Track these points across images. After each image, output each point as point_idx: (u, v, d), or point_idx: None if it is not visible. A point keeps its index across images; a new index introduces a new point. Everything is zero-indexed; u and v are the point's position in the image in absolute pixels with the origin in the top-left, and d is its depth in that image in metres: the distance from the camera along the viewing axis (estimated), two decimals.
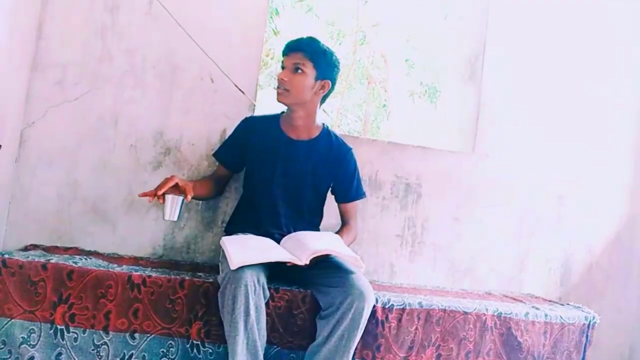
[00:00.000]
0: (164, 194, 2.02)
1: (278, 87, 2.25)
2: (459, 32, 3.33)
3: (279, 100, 2.27)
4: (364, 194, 2.48)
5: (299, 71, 2.22)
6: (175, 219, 2.08)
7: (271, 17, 9.02)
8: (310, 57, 2.22)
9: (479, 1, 3.10)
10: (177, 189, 2.06)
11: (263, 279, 1.93)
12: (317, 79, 2.24)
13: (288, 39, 2.66)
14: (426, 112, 11.36)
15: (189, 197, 2.06)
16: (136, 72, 2.60)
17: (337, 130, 2.48)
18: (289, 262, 1.94)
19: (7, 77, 2.31)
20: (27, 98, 2.51)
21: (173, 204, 2.05)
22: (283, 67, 2.27)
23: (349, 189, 2.40)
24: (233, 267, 1.84)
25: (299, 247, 2.01)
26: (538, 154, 3.01)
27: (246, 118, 2.46)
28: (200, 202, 2.64)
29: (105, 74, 2.57)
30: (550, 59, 3.03)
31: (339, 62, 2.31)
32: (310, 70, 2.22)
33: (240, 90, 2.67)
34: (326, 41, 2.48)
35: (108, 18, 2.58)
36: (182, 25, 2.61)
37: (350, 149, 2.40)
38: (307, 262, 1.93)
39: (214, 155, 2.49)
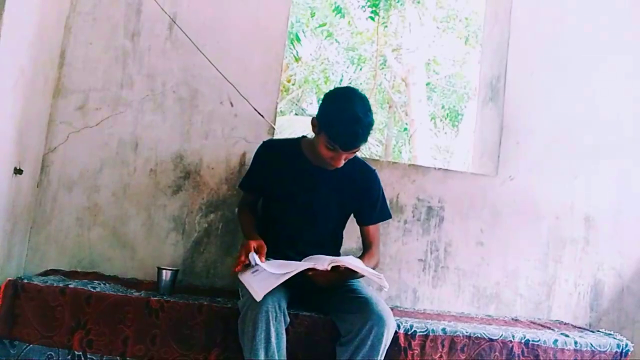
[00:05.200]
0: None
1: (331, 167, 2.13)
2: (479, 54, 3.30)
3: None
4: (390, 215, 2.41)
5: (354, 152, 2.11)
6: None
7: (292, 44, 9.12)
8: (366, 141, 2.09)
9: (500, 22, 3.08)
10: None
11: (284, 305, 1.89)
12: None
13: (309, 65, 2.62)
14: (448, 135, 11.31)
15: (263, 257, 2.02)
16: (156, 97, 2.62)
17: (358, 153, 2.42)
18: (310, 272, 1.89)
19: (30, 103, 2.34)
20: (49, 124, 2.55)
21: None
22: (334, 150, 2.04)
23: (373, 212, 2.34)
24: (259, 298, 1.80)
25: (319, 260, 1.96)
26: (564, 176, 2.94)
27: (265, 142, 2.37)
28: (220, 225, 2.63)
29: (125, 99, 2.60)
30: (573, 77, 2.98)
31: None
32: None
33: (259, 114, 2.67)
34: (346, 66, 2.43)
35: (129, 44, 2.61)
36: (202, 50, 2.63)
37: (374, 170, 2.33)
38: (328, 268, 1.88)
39: (241, 187, 2.41)
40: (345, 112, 2.00)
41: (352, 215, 2.38)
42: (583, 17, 3.03)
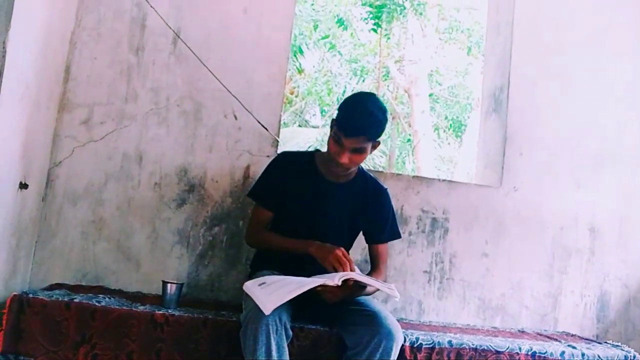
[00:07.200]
0: None
1: (337, 166, 2.11)
2: (482, 64, 3.31)
3: (341, 175, 2.18)
4: (399, 234, 2.37)
5: (359, 152, 2.07)
6: None
7: (295, 56, 9.16)
8: (371, 138, 2.06)
9: (502, 33, 3.09)
10: None
11: (285, 318, 1.87)
12: (372, 145, 2.11)
13: (312, 77, 2.64)
14: (452, 146, 11.31)
15: None
16: (160, 111, 2.63)
17: (363, 165, 2.41)
18: (320, 287, 1.87)
19: (35, 117, 2.35)
20: (54, 138, 2.56)
21: None
22: (338, 140, 2.05)
23: (383, 231, 2.31)
24: (267, 312, 1.78)
25: (328, 277, 1.94)
26: (568, 186, 2.94)
27: (281, 154, 2.36)
28: (225, 238, 2.62)
29: (130, 112, 2.61)
30: (576, 86, 2.99)
31: (388, 117, 2.13)
32: (369, 146, 2.08)
33: (263, 127, 2.67)
34: (349, 78, 2.45)
35: (133, 59, 2.63)
36: (205, 64, 2.64)
37: (386, 189, 2.31)
38: (339, 283, 1.86)
39: (252, 196, 2.29)
40: (357, 105, 2.08)
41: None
42: (585, 27, 3.04)
